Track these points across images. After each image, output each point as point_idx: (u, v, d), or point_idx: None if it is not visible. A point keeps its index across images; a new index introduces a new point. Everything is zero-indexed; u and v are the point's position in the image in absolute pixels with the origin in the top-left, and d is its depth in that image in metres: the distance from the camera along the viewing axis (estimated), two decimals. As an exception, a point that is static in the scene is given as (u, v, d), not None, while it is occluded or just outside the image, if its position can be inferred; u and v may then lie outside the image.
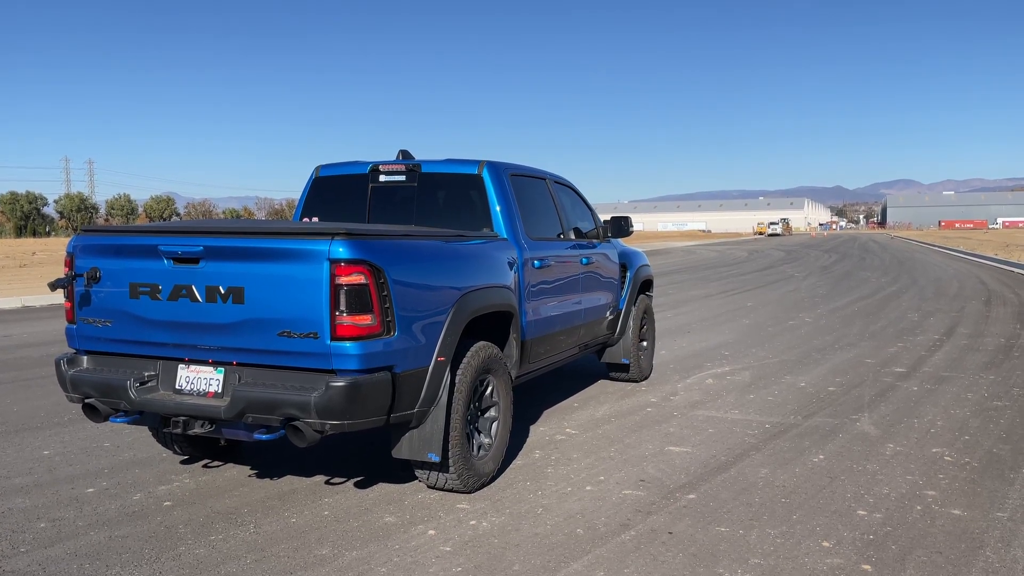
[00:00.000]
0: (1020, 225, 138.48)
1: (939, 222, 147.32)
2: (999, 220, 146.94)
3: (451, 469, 4.33)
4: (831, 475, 4.80)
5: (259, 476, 4.83)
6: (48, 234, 70.97)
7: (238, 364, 3.95)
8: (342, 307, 3.68)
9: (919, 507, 4.26)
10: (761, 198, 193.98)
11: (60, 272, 4.55)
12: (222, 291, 3.86)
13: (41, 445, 5.49)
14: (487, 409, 4.77)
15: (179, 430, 4.01)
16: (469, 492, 4.45)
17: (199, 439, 4.81)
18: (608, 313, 6.91)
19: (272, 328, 3.78)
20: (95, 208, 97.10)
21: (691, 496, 4.44)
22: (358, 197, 5.72)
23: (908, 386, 7.30)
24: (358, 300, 3.70)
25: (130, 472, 4.90)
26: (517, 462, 5.08)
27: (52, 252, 31.62)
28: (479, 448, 4.60)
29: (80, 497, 4.45)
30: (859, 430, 5.81)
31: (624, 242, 8.03)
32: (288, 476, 4.83)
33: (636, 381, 7.54)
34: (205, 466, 5.00)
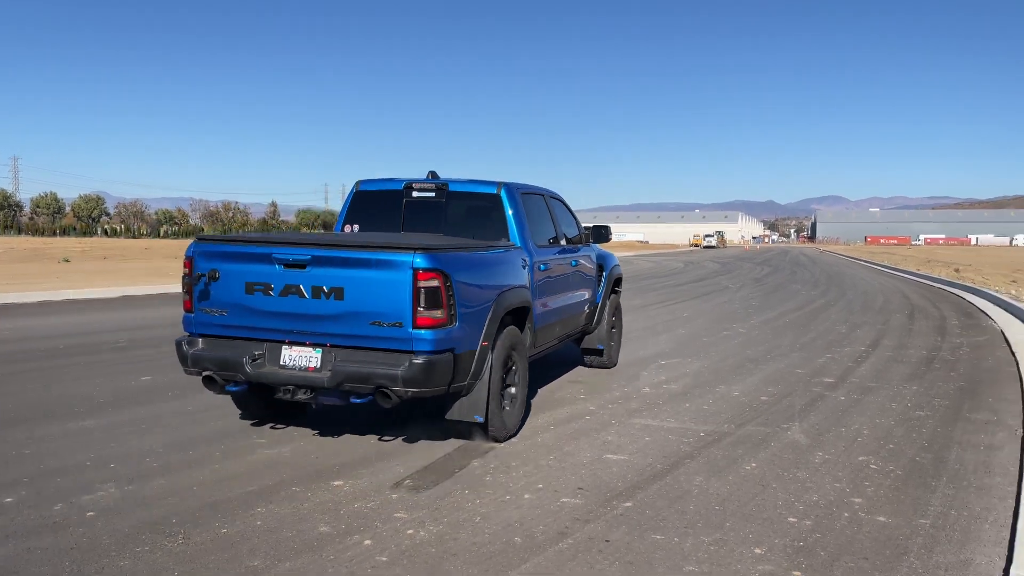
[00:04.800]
0: (940, 242, 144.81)
1: (865, 237, 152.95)
2: (921, 237, 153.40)
3: (490, 426, 5.49)
4: (763, 483, 4.91)
5: (189, 485, 4.68)
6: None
7: (331, 346, 5.02)
8: (421, 304, 4.80)
9: (846, 514, 4.39)
10: (697, 211, 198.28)
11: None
12: (325, 290, 4.94)
13: (-46, 453, 5.22)
14: (511, 382, 5.84)
15: (288, 396, 5.14)
16: (501, 442, 5.63)
17: (277, 405, 5.88)
18: (587, 307, 7.99)
19: (365, 319, 4.88)
20: (19, 206, 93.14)
21: (628, 504, 4.48)
22: (393, 209, 6.74)
23: (836, 396, 7.53)
24: (433, 299, 4.82)
25: (52, 481, 4.70)
26: (456, 471, 5.05)
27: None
28: (507, 409, 5.74)
29: (-4, 508, 4.25)
30: (790, 439, 5.96)
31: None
32: (220, 484, 4.70)
33: (607, 367, 8.69)
34: (143, 473, 4.83)
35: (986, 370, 9.14)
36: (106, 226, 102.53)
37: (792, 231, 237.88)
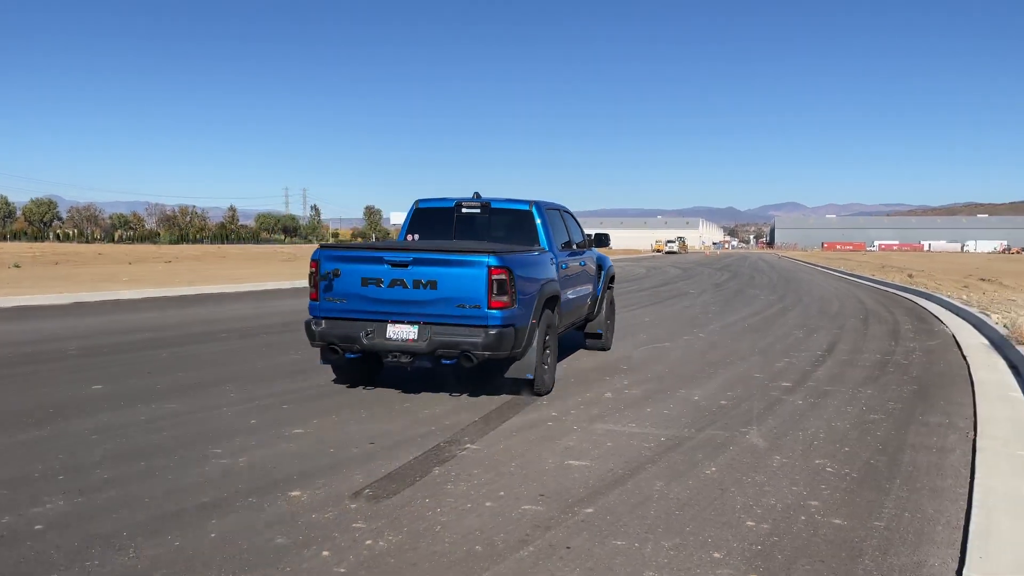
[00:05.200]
0: (895, 248, 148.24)
1: (822, 243, 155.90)
2: (876, 243, 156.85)
3: (536, 383, 7.22)
4: (722, 487, 4.95)
5: (141, 497, 4.57)
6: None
7: (425, 323, 6.64)
8: (494, 292, 6.49)
9: (803, 517, 4.44)
10: (659, 217, 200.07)
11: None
12: (423, 282, 6.62)
13: None
14: (549, 351, 7.49)
15: (394, 361, 6.77)
16: (543, 395, 7.36)
17: (372, 370, 7.77)
18: (590, 299, 9.70)
19: (453, 303, 6.57)
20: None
21: (589, 510, 4.48)
22: (446, 222, 8.50)
23: (794, 400, 7.64)
24: (501, 288, 6.51)
25: (-4, 494, 4.55)
26: (417, 479, 5.00)
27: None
28: (547, 371, 7.44)
29: (-64, 523, 4.09)
30: (748, 442, 6.02)
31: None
32: (173, 495, 4.59)
33: (606, 349, 10.44)
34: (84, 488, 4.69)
35: (938, 374, 9.35)
36: (58, 231, 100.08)
37: (752, 237, 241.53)
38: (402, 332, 6.73)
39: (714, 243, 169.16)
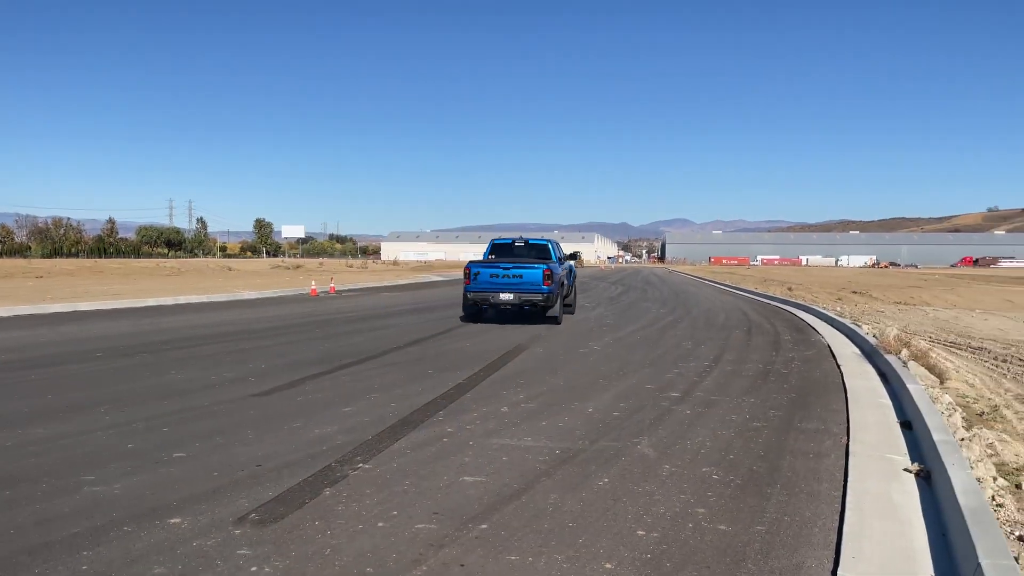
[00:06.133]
0: (776, 262, 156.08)
1: (710, 258, 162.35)
2: (759, 258, 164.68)
3: (558, 318, 17.16)
4: (614, 497, 5.03)
5: (7, 528, 4.23)
6: None
7: (516, 292, 16.12)
8: (544, 279, 16.11)
9: (691, 524, 4.57)
10: (556, 231, 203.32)
11: None
12: (520, 275, 16.25)
13: None
14: (563, 305, 17.54)
15: (504, 308, 16.73)
16: (559, 323, 16.93)
17: (487, 313, 17.97)
18: (567, 289, 18.24)
19: (531, 284, 16.15)
20: None
21: (484, 526, 4.46)
22: (508, 250, 18.39)
23: (682, 410, 7.87)
24: (547, 277, 16.14)
25: None
26: (306, 501, 4.84)
27: None
28: (569, 309, 19.37)
29: None
30: (640, 453, 6.16)
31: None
32: (42, 526, 4.27)
33: (572, 313, 19.53)
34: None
35: (815, 382, 9.86)
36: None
37: (644, 251, 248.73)
38: (506, 297, 16.19)
39: (608, 257, 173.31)
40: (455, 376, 9.61)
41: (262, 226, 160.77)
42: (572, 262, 20.30)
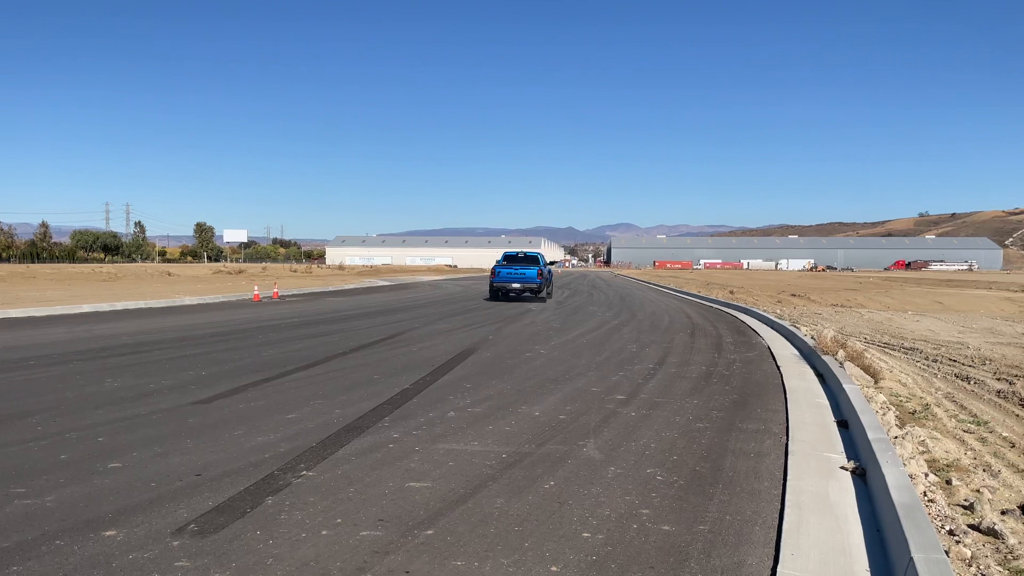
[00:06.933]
0: (718, 266, 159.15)
1: (654, 262, 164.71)
2: (702, 262, 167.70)
3: (546, 299, 29.51)
4: (560, 500, 5.05)
5: (-78, 549, 4.04)
6: None
7: (521, 284, 28.40)
8: (539, 275, 28.26)
9: (635, 525, 4.62)
10: (503, 236, 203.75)
11: None
12: (523, 273, 28.49)
13: None
14: (544, 291, 29.41)
15: (514, 294, 29.35)
16: (546, 302, 28.75)
17: (507, 296, 30.04)
18: (549, 283, 31.36)
19: (530, 279, 28.19)
20: None
21: (429, 532, 4.44)
22: (514, 258, 30.80)
23: (627, 412, 7.96)
24: (539, 275, 28.33)
25: None
26: (247, 510, 4.75)
27: None
28: (549, 295, 30.86)
29: None
30: (586, 455, 6.20)
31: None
32: (-38, 546, 4.09)
33: (550, 297, 31.29)
34: None
35: (755, 383, 10.08)
36: None
37: (590, 256, 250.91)
38: (515, 286, 28.13)
39: (555, 262, 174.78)
40: (402, 381, 9.54)
41: (203, 230, 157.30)
42: (552, 266, 34.97)
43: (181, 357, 11.61)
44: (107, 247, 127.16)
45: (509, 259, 30.69)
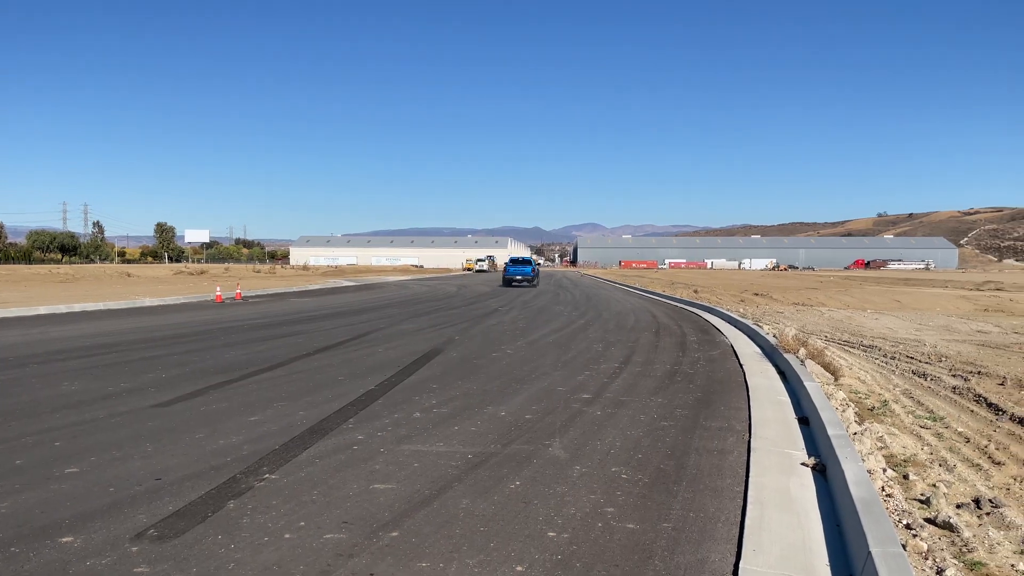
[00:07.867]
0: (682, 265, 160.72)
1: (620, 261, 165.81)
2: (667, 261, 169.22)
3: (536, 286, 45.97)
4: (526, 500, 5.06)
5: None
6: None
7: (521, 276, 45.92)
8: (533, 271, 47.56)
9: (600, 524, 4.64)
10: (470, 236, 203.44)
11: None
12: (524, 268, 47.11)
13: None
14: (534, 280, 48.35)
15: (516, 284, 45.72)
16: (536, 287, 44.73)
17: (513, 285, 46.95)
18: (538, 276, 50.69)
19: (527, 273, 46.43)
20: None
21: (394, 534, 4.41)
22: (516, 260, 50.35)
23: (593, 411, 8.00)
24: (533, 270, 47.68)
25: None
26: (208, 515, 4.68)
27: None
28: (538, 283, 49.56)
29: None
30: (551, 455, 6.22)
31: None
32: (-89, 556, 3.97)
33: (535, 287, 46.07)
34: None
35: (719, 381, 10.20)
36: None
37: (556, 255, 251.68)
38: (518, 278, 45.09)
39: (539, 263, 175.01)
40: (367, 382, 9.48)
41: (164, 230, 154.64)
42: (539, 264, 44.55)
43: (141, 359, 11.41)
44: (64, 248, 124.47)
45: (514, 261, 49.27)
